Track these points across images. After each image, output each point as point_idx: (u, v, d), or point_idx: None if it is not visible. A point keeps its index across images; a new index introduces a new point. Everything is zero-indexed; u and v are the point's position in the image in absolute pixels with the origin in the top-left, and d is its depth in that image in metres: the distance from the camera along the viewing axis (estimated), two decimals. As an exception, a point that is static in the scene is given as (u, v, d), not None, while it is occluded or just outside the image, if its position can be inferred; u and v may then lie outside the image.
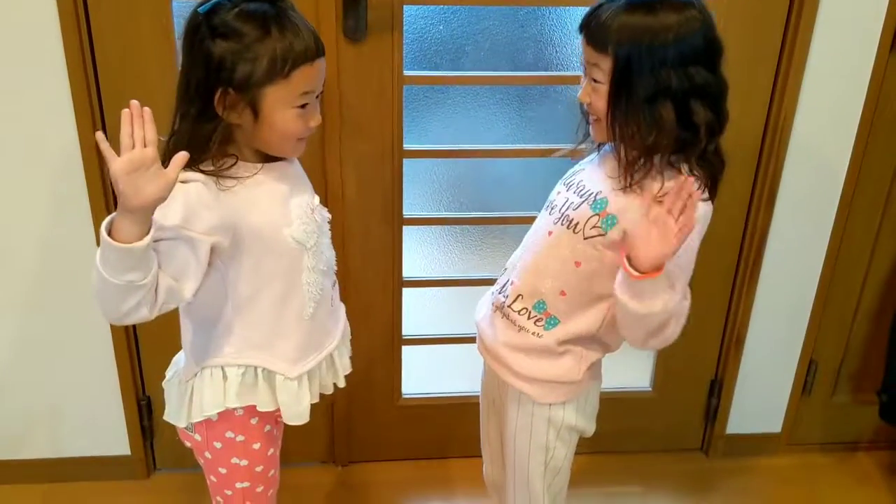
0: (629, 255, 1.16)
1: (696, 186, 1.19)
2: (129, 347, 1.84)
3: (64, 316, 1.79)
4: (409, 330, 1.95)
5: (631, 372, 2.09)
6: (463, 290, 2.00)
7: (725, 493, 2.05)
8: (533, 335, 1.33)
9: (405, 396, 2.03)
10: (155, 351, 1.83)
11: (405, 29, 1.61)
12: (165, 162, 1.06)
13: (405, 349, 1.97)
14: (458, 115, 1.83)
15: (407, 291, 1.91)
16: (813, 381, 2.06)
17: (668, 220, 1.13)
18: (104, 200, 1.67)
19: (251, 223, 1.17)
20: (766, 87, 1.73)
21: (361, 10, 1.55)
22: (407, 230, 1.84)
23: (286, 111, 1.15)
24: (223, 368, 1.26)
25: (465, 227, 2.00)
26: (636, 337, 1.26)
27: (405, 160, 1.75)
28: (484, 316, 1.43)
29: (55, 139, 1.62)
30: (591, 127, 1.28)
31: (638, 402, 2.08)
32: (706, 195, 1.23)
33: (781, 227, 1.85)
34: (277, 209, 1.21)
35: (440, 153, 1.82)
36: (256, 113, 1.14)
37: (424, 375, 2.07)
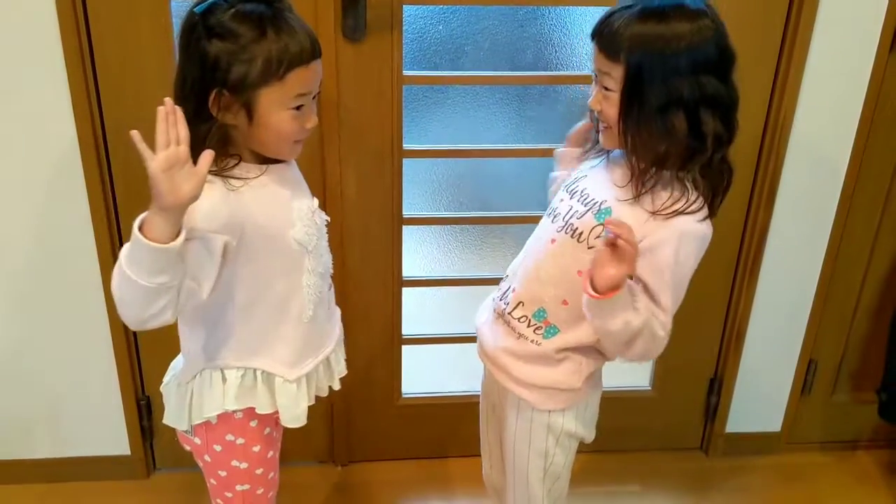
0: (591, 275, 1.17)
1: (694, 201, 1.20)
2: (128, 347, 1.84)
3: (63, 316, 1.79)
4: (408, 329, 1.95)
5: (630, 371, 2.09)
6: (462, 289, 2.01)
7: (725, 491, 2.05)
8: (532, 343, 1.33)
9: (405, 396, 2.03)
10: (155, 351, 1.83)
11: (404, 29, 1.61)
12: None
13: (405, 349, 1.97)
14: (457, 114, 1.83)
15: (406, 291, 1.91)
16: (812, 379, 2.06)
17: (622, 244, 1.12)
18: (103, 200, 1.67)
19: (257, 224, 1.17)
20: (766, 85, 1.72)
21: (360, 9, 1.55)
22: (406, 230, 1.84)
23: (281, 113, 1.14)
24: (222, 371, 1.26)
25: (464, 226, 2.00)
26: (611, 350, 1.28)
27: (405, 160, 1.74)
28: (485, 321, 1.43)
29: (54, 138, 1.62)
30: (600, 134, 1.28)
31: (637, 400, 2.08)
32: (703, 215, 1.22)
33: (781, 225, 1.85)
34: (281, 211, 1.21)
35: (440, 153, 1.82)
36: (251, 114, 1.13)
37: (424, 375, 2.07)
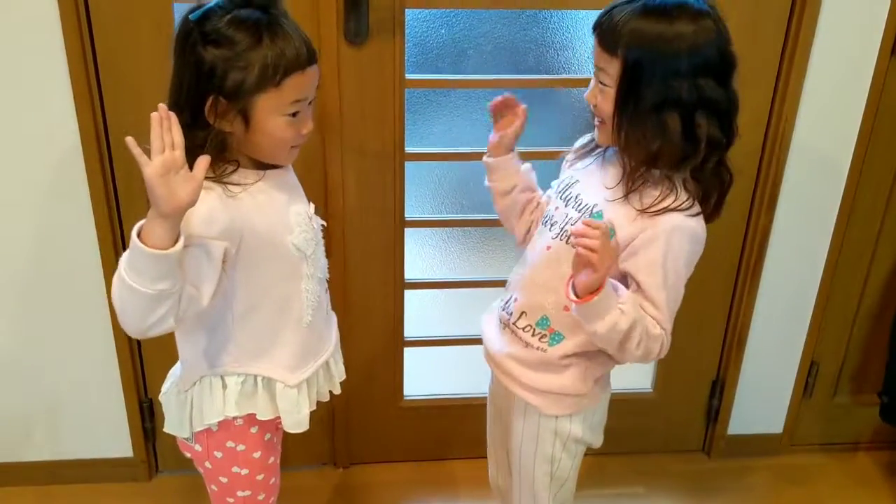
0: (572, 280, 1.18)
1: (685, 200, 1.20)
2: (131, 349, 1.84)
3: (66, 317, 1.79)
4: (410, 331, 1.95)
5: (632, 373, 2.08)
6: (464, 291, 2.01)
7: (727, 493, 2.05)
8: (538, 350, 1.33)
9: (407, 398, 2.03)
10: (158, 353, 1.83)
11: (407, 32, 1.61)
12: None
13: (406, 350, 1.97)
14: (459, 117, 1.83)
15: (408, 292, 1.91)
16: (814, 382, 2.06)
17: (581, 252, 1.13)
18: (106, 202, 1.67)
19: (256, 230, 1.17)
20: (767, 89, 1.73)
21: (363, 13, 1.55)
22: (408, 232, 1.84)
23: (277, 119, 1.14)
24: (222, 377, 1.26)
25: (466, 229, 2.00)
26: (610, 352, 1.28)
27: (407, 163, 1.74)
28: (490, 328, 1.43)
29: (58, 139, 1.62)
30: (595, 129, 1.27)
31: (639, 402, 2.08)
32: (693, 212, 1.21)
33: (783, 228, 1.85)
34: (279, 217, 1.21)
35: (441, 156, 1.82)
36: (247, 121, 1.13)
37: (426, 377, 2.07)
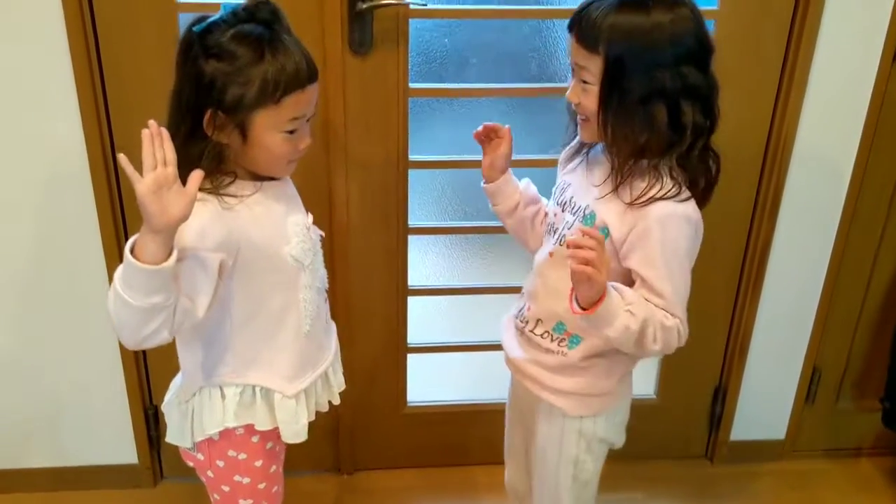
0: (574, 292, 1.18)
1: (671, 188, 1.19)
2: (135, 356, 1.85)
3: (70, 324, 1.80)
4: (413, 337, 1.96)
5: (636, 378, 2.06)
6: (467, 297, 2.01)
7: (729, 499, 2.05)
8: (558, 354, 1.33)
9: (410, 404, 2.04)
10: (162, 360, 1.83)
11: (410, 42, 1.61)
12: None
13: (410, 357, 1.98)
14: (462, 125, 1.83)
15: (411, 299, 1.91)
16: (816, 388, 2.06)
17: (572, 265, 1.13)
18: (109, 204, 1.68)
19: (253, 241, 1.18)
20: (769, 95, 1.73)
21: (367, 23, 1.56)
22: (412, 238, 1.84)
23: (275, 135, 1.14)
24: (221, 388, 1.27)
25: (469, 235, 2.01)
26: (627, 350, 1.27)
27: (410, 170, 1.75)
28: (508, 335, 1.43)
29: (62, 145, 1.62)
30: (579, 127, 1.27)
31: (642, 408, 2.05)
32: (682, 197, 1.20)
33: (785, 236, 1.86)
34: (277, 228, 1.22)
35: (444, 164, 1.82)
36: (245, 135, 1.13)
37: (430, 383, 2.07)
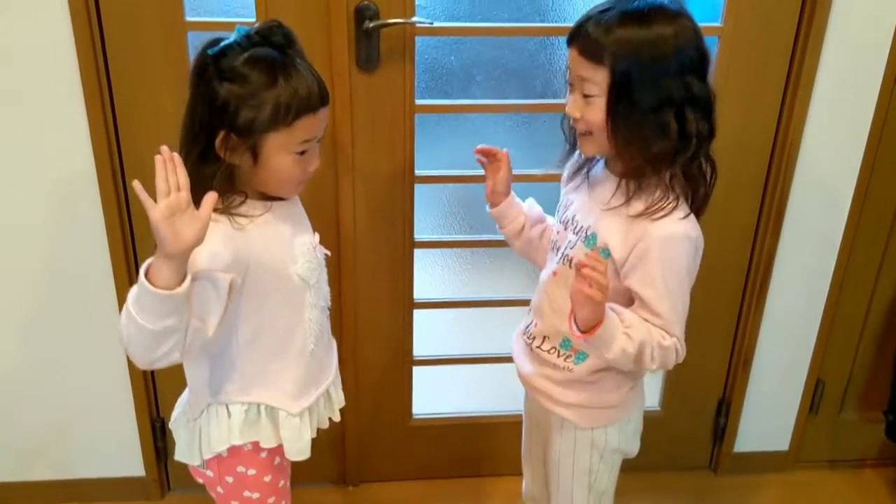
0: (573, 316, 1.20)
1: (674, 203, 1.20)
2: (143, 369, 1.86)
3: (78, 337, 1.81)
4: (418, 350, 1.96)
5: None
6: (472, 310, 2.02)
7: (734, 510, 2.07)
8: (565, 370, 1.35)
9: (416, 417, 2.04)
10: (169, 373, 1.81)
11: (417, 58, 1.62)
12: None
13: (415, 370, 1.98)
14: (468, 140, 1.84)
15: (417, 312, 1.91)
16: (820, 399, 2.07)
17: (585, 287, 1.14)
18: (119, 221, 1.69)
19: (262, 261, 1.19)
20: (773, 112, 1.74)
21: (374, 41, 1.57)
22: (417, 252, 1.85)
23: (285, 157, 1.16)
24: (227, 406, 1.28)
25: (474, 249, 2.02)
26: (626, 369, 1.30)
27: (416, 185, 1.76)
28: (518, 350, 1.45)
29: (71, 162, 1.63)
30: (579, 142, 1.27)
31: (647, 420, 2.03)
32: (682, 213, 1.21)
33: (788, 249, 1.86)
34: (284, 248, 1.23)
35: (450, 178, 1.83)
36: (256, 157, 1.15)
37: (435, 396, 2.08)
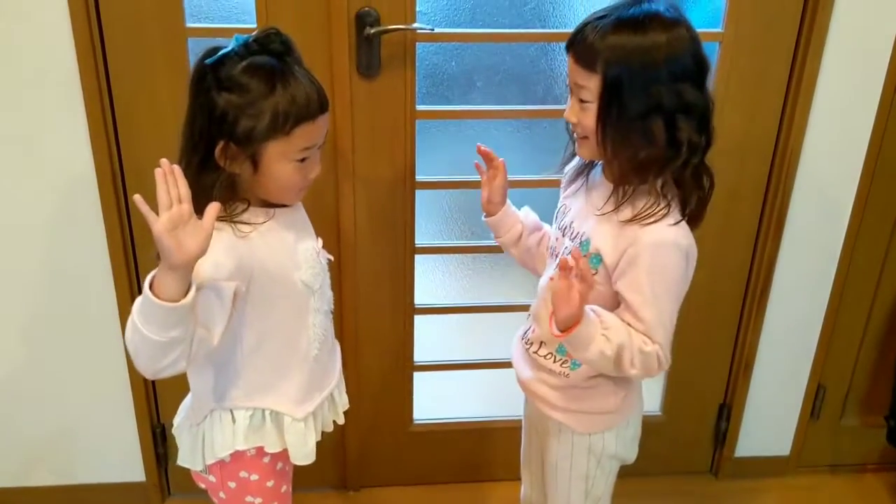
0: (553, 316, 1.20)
1: (666, 210, 1.20)
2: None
3: (79, 342, 1.81)
4: (418, 354, 1.96)
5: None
6: (473, 316, 2.02)
7: (735, 514, 2.07)
8: (562, 376, 1.36)
9: (416, 422, 2.04)
10: (170, 379, 1.81)
11: (417, 64, 1.62)
12: None
13: (416, 375, 1.98)
14: (469, 146, 1.84)
15: (417, 317, 1.92)
16: (821, 404, 2.07)
17: (565, 284, 1.14)
18: (119, 223, 1.69)
19: (266, 268, 1.19)
20: (773, 117, 1.74)
21: (374, 47, 1.57)
22: (418, 258, 1.85)
23: (286, 165, 1.16)
24: (231, 411, 1.28)
25: (475, 254, 2.02)
26: (608, 373, 1.28)
27: (417, 191, 1.76)
28: (517, 355, 1.45)
29: (71, 165, 1.63)
30: (576, 145, 1.28)
31: (648, 425, 2.03)
32: (673, 220, 1.21)
33: (789, 254, 1.86)
34: (288, 255, 1.24)
35: (451, 184, 1.83)
36: (256, 165, 1.15)
37: (436, 401, 2.08)
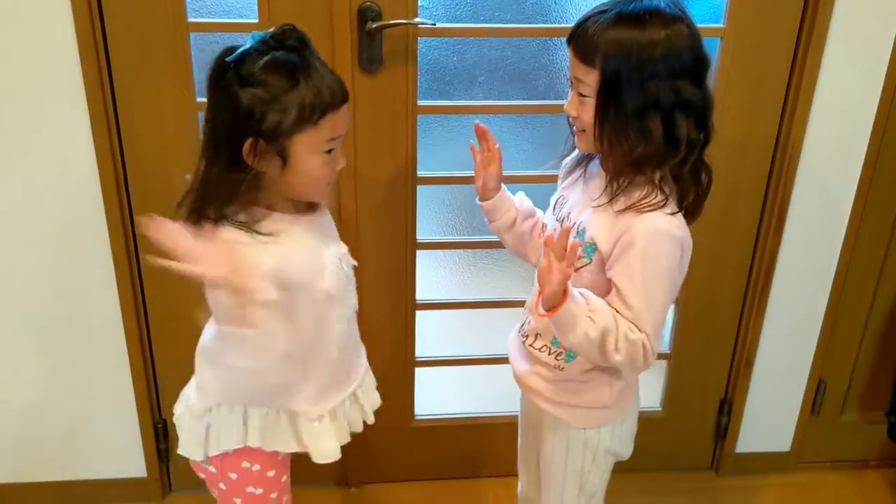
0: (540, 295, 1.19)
1: (661, 200, 1.20)
2: (145, 370, 1.86)
3: (81, 339, 1.81)
4: (420, 350, 1.96)
5: (641, 391, 2.08)
6: (474, 311, 2.02)
7: (736, 511, 2.07)
8: (556, 369, 1.36)
9: (418, 417, 2.05)
10: (171, 374, 1.85)
11: (419, 59, 1.63)
12: (192, 204, 1.12)
13: (418, 370, 1.98)
14: (470, 141, 1.85)
15: (419, 313, 1.92)
16: (822, 400, 2.07)
17: (546, 262, 1.14)
18: (121, 221, 1.69)
19: (291, 276, 1.19)
20: (775, 112, 1.74)
21: (376, 42, 1.57)
22: (420, 253, 1.85)
23: (315, 157, 1.16)
24: (245, 407, 1.28)
25: (477, 250, 2.02)
26: (595, 361, 1.27)
27: (419, 186, 1.76)
28: (514, 349, 1.46)
29: (72, 162, 1.64)
30: (576, 138, 1.29)
31: (648, 420, 2.06)
32: (669, 210, 1.21)
33: (790, 249, 1.87)
34: (313, 262, 1.24)
35: (453, 179, 1.83)
36: (285, 161, 1.15)
37: (437, 396, 2.08)
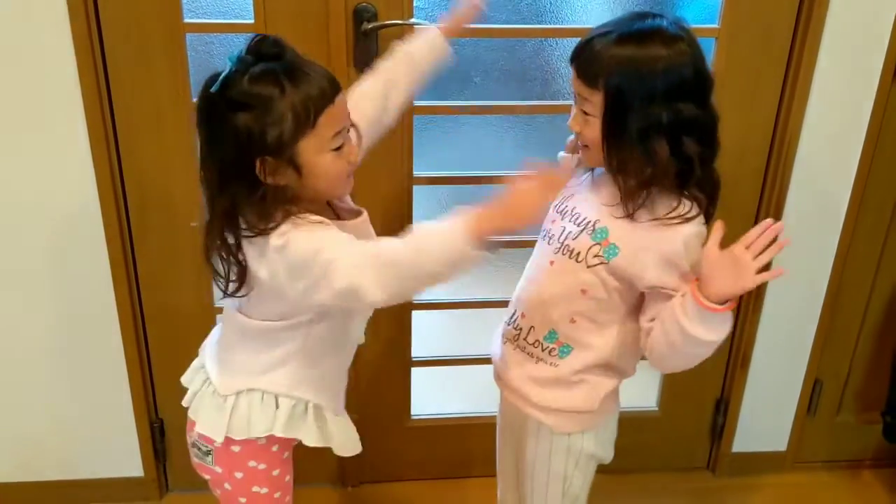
0: (700, 284, 1.17)
1: (690, 209, 1.22)
2: (142, 370, 1.87)
3: (78, 338, 1.82)
4: (416, 350, 1.97)
5: (637, 391, 2.09)
6: (470, 311, 2.02)
7: (732, 511, 2.07)
8: (549, 365, 1.35)
9: (414, 417, 2.05)
10: (168, 374, 1.85)
11: (415, 60, 1.63)
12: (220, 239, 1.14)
13: (414, 370, 1.99)
14: (466, 141, 1.86)
15: (415, 313, 1.92)
16: (818, 400, 2.07)
17: (747, 258, 1.16)
18: (118, 221, 1.70)
19: None
20: (770, 112, 1.75)
21: (372, 42, 1.58)
22: (416, 253, 1.86)
23: (324, 157, 1.15)
24: (276, 397, 1.28)
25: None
26: (670, 363, 1.27)
27: (415, 186, 1.76)
28: (498, 349, 1.44)
29: (69, 165, 1.64)
30: (581, 152, 1.30)
31: (644, 420, 2.09)
32: (701, 220, 1.24)
33: (786, 248, 1.86)
34: None
35: (449, 180, 1.83)
36: (297, 169, 1.13)
37: (434, 396, 2.09)
